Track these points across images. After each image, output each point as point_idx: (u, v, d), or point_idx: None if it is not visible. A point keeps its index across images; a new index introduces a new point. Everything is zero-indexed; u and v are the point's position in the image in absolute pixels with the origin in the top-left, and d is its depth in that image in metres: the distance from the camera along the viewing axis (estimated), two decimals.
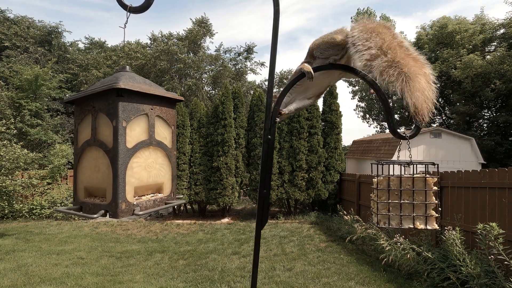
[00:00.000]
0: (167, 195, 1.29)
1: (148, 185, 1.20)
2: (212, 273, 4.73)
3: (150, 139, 1.19)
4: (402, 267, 4.46)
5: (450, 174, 4.91)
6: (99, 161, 1.12)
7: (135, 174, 1.12)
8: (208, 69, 20.30)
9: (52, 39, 20.63)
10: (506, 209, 3.87)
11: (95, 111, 1.13)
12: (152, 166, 1.20)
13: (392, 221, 1.36)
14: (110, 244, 6.40)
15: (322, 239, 6.65)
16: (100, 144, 1.11)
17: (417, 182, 1.35)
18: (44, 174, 10.18)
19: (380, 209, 1.38)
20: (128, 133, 1.09)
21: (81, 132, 1.19)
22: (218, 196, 8.77)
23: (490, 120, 16.06)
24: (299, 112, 9.05)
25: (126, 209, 1.07)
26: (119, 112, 1.05)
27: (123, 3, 1.23)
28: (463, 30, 16.49)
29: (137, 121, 1.14)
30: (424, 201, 1.33)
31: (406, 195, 1.36)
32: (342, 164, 9.39)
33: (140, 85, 1.14)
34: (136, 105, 1.13)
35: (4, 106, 14.30)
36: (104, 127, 1.10)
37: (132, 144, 1.11)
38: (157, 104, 1.22)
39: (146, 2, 1.26)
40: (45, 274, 4.68)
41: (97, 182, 1.14)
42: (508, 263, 3.20)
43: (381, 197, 1.38)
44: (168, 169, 1.29)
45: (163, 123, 1.27)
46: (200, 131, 9.27)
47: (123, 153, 1.06)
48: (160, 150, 1.25)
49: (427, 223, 1.33)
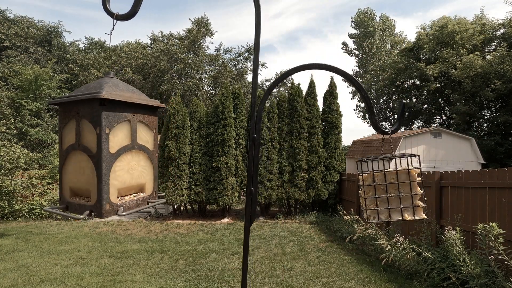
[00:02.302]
0: (149, 195, 1.34)
1: (131, 186, 1.25)
2: (212, 273, 4.73)
3: (133, 144, 1.24)
4: (402, 267, 4.46)
5: (450, 174, 4.91)
6: (83, 164, 1.16)
7: (118, 177, 1.17)
8: (208, 69, 20.30)
9: (52, 39, 20.64)
10: (506, 209, 3.87)
11: (79, 116, 1.16)
12: (134, 169, 1.25)
13: (381, 215, 1.40)
14: (110, 244, 6.40)
15: (322, 239, 6.65)
16: (84, 149, 1.15)
17: (401, 175, 1.39)
18: (44, 174, 10.18)
19: (369, 205, 1.41)
20: (111, 139, 1.13)
21: (66, 136, 1.23)
22: (218, 196, 8.77)
23: (490, 120, 16.06)
24: (299, 112, 9.06)
25: (110, 209, 1.12)
26: (102, 120, 1.10)
27: (110, 11, 1.28)
28: (463, 30, 16.49)
29: (120, 127, 1.18)
30: (409, 193, 1.37)
31: (392, 189, 1.40)
32: (342, 164, 9.40)
33: (123, 94, 1.18)
34: (119, 113, 1.17)
35: (4, 106, 14.30)
36: (88, 133, 1.14)
37: (115, 149, 1.15)
38: (139, 112, 1.27)
39: (131, 11, 1.32)
40: (45, 274, 4.68)
41: (82, 184, 1.19)
42: (508, 263, 3.20)
43: (368, 193, 1.42)
44: (150, 170, 1.34)
45: (145, 128, 1.32)
46: (200, 131, 9.27)
47: (106, 158, 1.11)
48: (142, 153, 1.29)
49: (415, 214, 1.37)
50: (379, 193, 1.40)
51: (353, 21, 27.42)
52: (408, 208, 1.37)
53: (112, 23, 1.25)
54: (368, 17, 26.44)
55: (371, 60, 26.20)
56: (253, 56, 1.51)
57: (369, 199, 1.42)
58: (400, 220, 1.37)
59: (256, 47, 1.49)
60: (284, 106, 9.31)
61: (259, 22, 1.46)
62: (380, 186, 1.40)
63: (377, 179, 1.41)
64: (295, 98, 9.20)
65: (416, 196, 1.37)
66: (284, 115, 9.26)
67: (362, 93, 1.41)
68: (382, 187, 1.40)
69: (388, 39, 26.18)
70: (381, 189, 1.40)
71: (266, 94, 1.56)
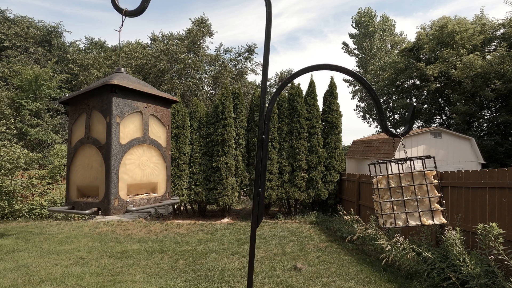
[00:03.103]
0: (162, 195, 1.27)
1: (142, 183, 1.19)
2: (212, 273, 4.73)
3: (144, 137, 1.18)
4: (402, 267, 4.46)
5: (450, 174, 4.91)
6: (92, 158, 1.11)
7: (128, 171, 1.11)
8: (208, 69, 20.30)
9: (52, 39, 20.64)
10: (506, 209, 3.87)
11: (89, 109, 1.13)
12: (146, 165, 1.19)
13: (399, 220, 1.31)
14: (110, 244, 6.40)
15: (322, 239, 6.65)
16: (93, 141, 1.10)
17: (416, 177, 1.32)
18: (44, 174, 10.18)
19: (384, 209, 1.34)
20: (122, 130, 1.09)
21: (75, 132, 1.20)
22: (218, 196, 8.77)
23: (490, 120, 16.05)
24: (299, 112, 9.07)
25: (119, 206, 1.06)
26: (113, 107, 1.06)
27: (119, 7, 1.25)
28: (463, 30, 16.48)
29: (131, 118, 1.14)
30: (426, 195, 1.30)
31: (408, 192, 1.33)
32: (342, 164, 9.39)
33: (134, 84, 1.15)
34: (130, 102, 1.12)
35: (4, 106, 14.31)
36: (98, 123, 1.10)
37: (126, 140, 1.10)
38: (151, 103, 1.22)
39: (140, 6, 1.29)
40: (45, 274, 4.68)
41: (89, 180, 1.13)
42: (508, 263, 3.19)
43: (383, 196, 1.35)
44: (163, 168, 1.27)
45: (158, 122, 1.27)
46: (200, 131, 9.27)
47: (116, 149, 1.05)
48: (154, 149, 1.23)
49: (433, 218, 1.29)
50: (395, 196, 1.32)
51: (353, 21, 27.42)
52: (426, 212, 1.29)
53: (121, 19, 1.22)
54: (368, 17, 26.44)
55: (371, 60, 26.20)
56: (263, 56, 1.48)
57: (384, 203, 1.33)
58: (419, 225, 1.29)
59: (266, 46, 1.45)
60: (284, 106, 9.31)
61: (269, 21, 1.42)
62: (396, 189, 1.33)
63: (391, 181, 1.33)
64: (295, 98, 9.20)
65: (434, 199, 1.29)
66: (284, 115, 9.26)
67: (373, 94, 1.36)
68: (398, 190, 1.32)
69: (388, 39, 26.18)
70: (397, 192, 1.32)
71: (275, 95, 1.51)
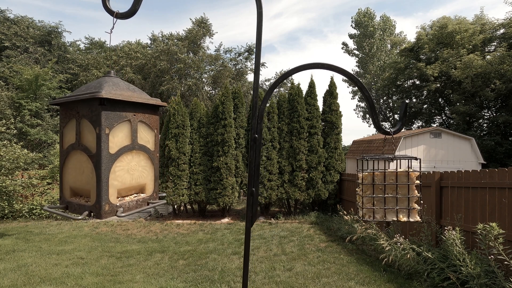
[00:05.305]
0: (150, 195, 1.32)
1: (131, 186, 1.24)
2: (212, 273, 4.73)
3: (133, 144, 1.22)
4: (402, 267, 4.46)
5: (450, 174, 4.91)
6: (83, 164, 1.15)
7: (118, 177, 1.16)
8: (208, 69, 20.30)
9: (52, 39, 20.64)
10: (506, 209, 3.87)
11: (79, 116, 1.15)
12: (134, 169, 1.24)
13: (377, 215, 1.42)
14: (110, 244, 6.40)
15: (322, 239, 6.65)
16: (84, 149, 1.14)
17: (401, 177, 1.40)
18: (44, 174, 10.18)
19: (365, 203, 1.42)
20: (111, 140, 1.12)
21: (66, 135, 1.22)
22: (218, 196, 8.77)
23: (490, 120, 16.05)
24: (299, 112, 9.06)
25: (109, 210, 1.11)
26: (102, 120, 1.08)
27: (110, 10, 1.28)
28: (463, 30, 16.48)
29: (120, 127, 1.16)
30: (407, 195, 1.39)
31: (390, 189, 1.41)
32: (342, 164, 9.39)
33: (123, 93, 1.16)
34: (118, 112, 1.15)
35: (4, 106, 14.31)
36: (87, 133, 1.13)
37: (115, 149, 1.13)
38: (140, 111, 1.25)
39: (131, 9, 1.31)
40: (45, 274, 4.68)
41: (81, 184, 1.18)
42: (508, 263, 3.19)
43: (366, 191, 1.43)
44: (151, 170, 1.32)
45: (146, 127, 1.29)
46: (200, 131, 9.27)
47: (106, 159, 1.09)
48: (142, 153, 1.27)
49: (409, 216, 1.39)
50: (377, 192, 1.42)
51: (353, 21, 27.42)
52: (403, 209, 1.39)
53: (112, 22, 1.25)
54: (368, 17, 26.44)
55: (371, 60, 26.20)
56: (255, 56, 1.50)
57: (366, 197, 1.42)
58: (394, 221, 1.40)
59: (257, 46, 1.48)
60: (284, 106, 9.30)
61: (260, 21, 1.45)
62: (379, 186, 1.42)
63: (376, 178, 1.43)
64: (295, 98, 9.20)
65: (412, 198, 1.39)
66: (284, 115, 9.26)
67: (364, 92, 1.40)
68: (381, 187, 1.42)
69: (388, 39, 26.17)
70: (379, 189, 1.42)
71: (267, 94, 1.54)
